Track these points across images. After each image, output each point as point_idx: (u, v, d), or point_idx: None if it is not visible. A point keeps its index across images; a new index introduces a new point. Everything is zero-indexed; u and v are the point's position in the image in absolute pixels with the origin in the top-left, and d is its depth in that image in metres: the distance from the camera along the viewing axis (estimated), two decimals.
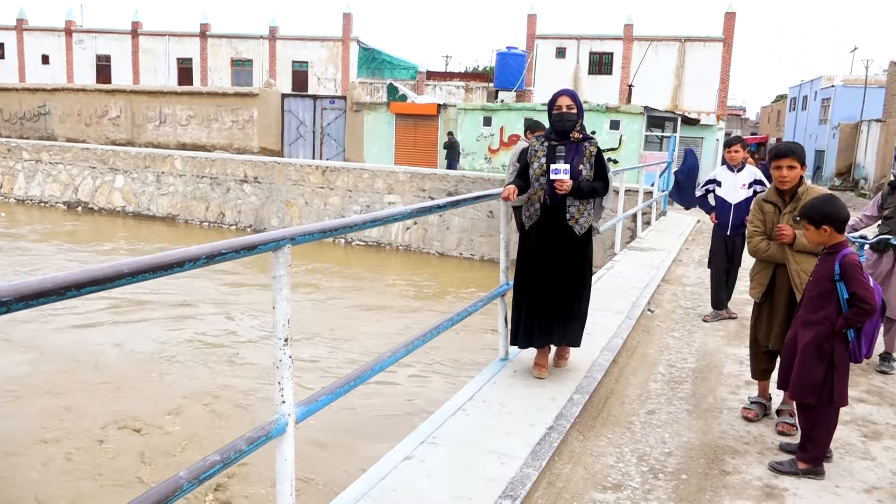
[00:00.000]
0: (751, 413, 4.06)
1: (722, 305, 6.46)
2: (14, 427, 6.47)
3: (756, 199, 4.06)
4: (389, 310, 11.59)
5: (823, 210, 3.31)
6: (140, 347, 8.78)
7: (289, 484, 2.40)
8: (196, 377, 7.85)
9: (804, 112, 41.01)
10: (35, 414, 6.76)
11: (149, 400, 7.15)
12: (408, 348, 3.20)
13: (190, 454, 5.92)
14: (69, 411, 6.82)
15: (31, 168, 21.74)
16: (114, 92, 27.93)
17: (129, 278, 1.73)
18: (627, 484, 3.30)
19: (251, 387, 7.56)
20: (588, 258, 4.32)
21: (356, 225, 2.72)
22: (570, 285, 4.22)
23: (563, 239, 4.18)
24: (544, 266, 4.21)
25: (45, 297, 1.53)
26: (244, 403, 7.17)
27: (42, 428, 6.46)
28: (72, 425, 6.53)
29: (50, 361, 8.19)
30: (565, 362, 4.60)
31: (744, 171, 6.28)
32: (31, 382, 7.58)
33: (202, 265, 1.98)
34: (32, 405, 6.99)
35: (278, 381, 2.36)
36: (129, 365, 8.18)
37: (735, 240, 6.36)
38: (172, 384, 7.61)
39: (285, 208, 18.24)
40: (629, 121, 21.11)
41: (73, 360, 8.24)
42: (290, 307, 2.33)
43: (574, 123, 4.17)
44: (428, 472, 3.12)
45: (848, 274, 3.22)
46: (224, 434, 6.12)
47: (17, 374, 7.76)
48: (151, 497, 1.86)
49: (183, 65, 37.54)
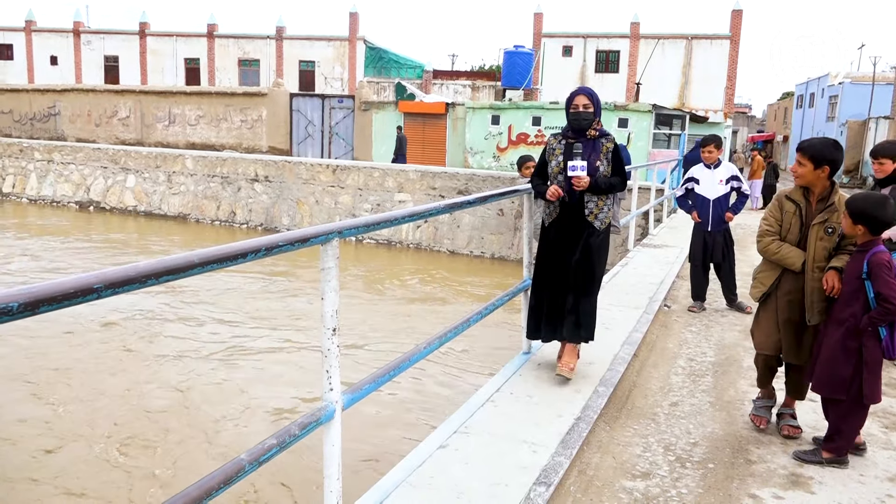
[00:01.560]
0: (761, 422, 3.90)
1: (701, 297, 6.66)
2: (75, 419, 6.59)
3: (778, 194, 3.90)
4: (408, 306, 11.68)
5: (866, 209, 3.30)
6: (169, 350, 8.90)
7: (336, 468, 2.49)
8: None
9: (811, 109, 40.99)
10: (110, 398, 6.89)
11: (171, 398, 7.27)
12: (441, 340, 3.29)
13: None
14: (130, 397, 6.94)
15: (44, 168, 21.91)
16: (123, 92, 28.10)
17: (200, 268, 1.83)
18: (656, 472, 3.38)
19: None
20: (604, 254, 4.35)
21: (399, 219, 2.81)
22: (586, 279, 4.24)
23: (582, 234, 4.22)
24: (563, 261, 4.25)
25: (129, 284, 1.62)
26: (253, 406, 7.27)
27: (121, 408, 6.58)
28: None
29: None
30: (571, 372, 4.25)
31: (721, 168, 6.57)
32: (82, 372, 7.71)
33: (262, 256, 2.08)
34: (92, 394, 7.12)
35: (326, 370, 2.45)
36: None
37: (715, 235, 6.58)
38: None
39: (296, 207, 18.35)
40: (637, 119, 21.17)
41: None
42: (338, 298, 2.42)
43: (590, 122, 4.20)
44: (463, 460, 3.21)
45: (874, 273, 3.26)
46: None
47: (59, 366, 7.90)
48: (217, 476, 1.95)
49: (191, 65, 37.75)
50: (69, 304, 1.49)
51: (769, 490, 3.23)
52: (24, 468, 5.73)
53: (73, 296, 1.48)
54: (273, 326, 9.80)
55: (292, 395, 7.34)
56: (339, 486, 2.51)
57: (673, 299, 7.03)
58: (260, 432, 6.11)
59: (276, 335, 9.36)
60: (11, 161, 22.43)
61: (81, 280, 1.52)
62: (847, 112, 34.64)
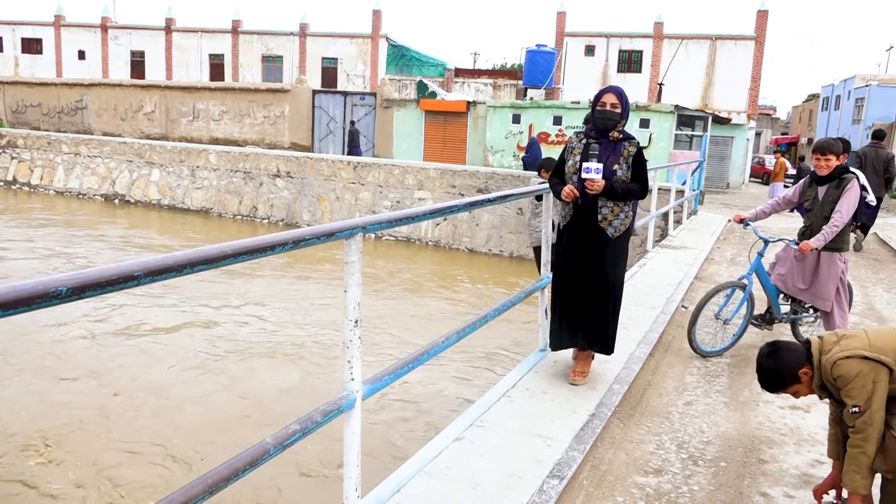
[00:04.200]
0: None
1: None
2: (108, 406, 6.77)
3: None
4: (427, 302, 11.77)
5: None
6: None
7: (355, 455, 2.58)
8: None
9: (837, 112, 40.45)
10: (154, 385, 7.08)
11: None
12: (459, 335, 3.37)
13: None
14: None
15: (70, 161, 22.28)
16: (149, 87, 28.47)
17: (232, 258, 1.93)
18: (668, 469, 3.43)
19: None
20: (621, 262, 4.17)
21: (421, 216, 2.89)
22: (599, 288, 4.07)
23: (594, 240, 4.04)
24: (574, 267, 4.11)
25: (167, 272, 1.72)
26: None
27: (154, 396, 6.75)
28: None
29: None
30: (583, 379, 4.22)
31: None
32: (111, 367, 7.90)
33: (290, 249, 2.17)
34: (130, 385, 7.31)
35: (348, 360, 2.54)
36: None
37: None
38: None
39: (317, 203, 18.52)
40: (659, 119, 21.08)
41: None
42: (360, 291, 2.51)
43: (616, 123, 4.01)
44: (479, 452, 3.29)
45: None
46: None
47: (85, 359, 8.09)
48: (244, 458, 2.05)
49: (215, 61, 38.10)
50: (112, 289, 1.58)
51: (780, 489, 3.27)
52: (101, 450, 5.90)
53: (115, 282, 1.58)
54: (290, 323, 9.94)
55: (309, 387, 7.46)
56: (357, 473, 2.60)
57: (691, 301, 7.04)
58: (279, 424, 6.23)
59: (293, 331, 9.50)
60: (40, 153, 22.84)
61: (122, 268, 1.61)
62: (874, 115, 34.10)
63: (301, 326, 9.70)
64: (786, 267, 5.34)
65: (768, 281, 5.38)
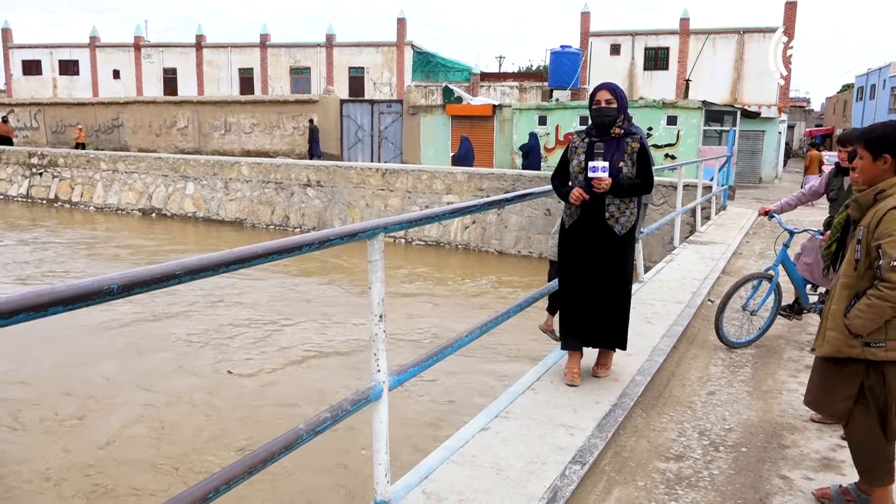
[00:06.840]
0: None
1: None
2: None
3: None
4: (455, 299, 11.92)
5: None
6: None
7: (384, 443, 2.74)
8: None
9: (872, 101, 39.64)
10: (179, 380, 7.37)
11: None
12: (482, 329, 3.51)
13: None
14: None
15: (109, 178, 22.96)
16: (181, 103, 29.20)
17: (263, 258, 2.11)
18: (689, 455, 3.53)
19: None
20: (629, 258, 4.17)
21: (440, 215, 3.04)
22: (607, 286, 4.09)
23: (602, 239, 4.04)
24: (582, 266, 4.11)
25: (204, 271, 1.90)
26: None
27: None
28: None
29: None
30: (605, 371, 4.33)
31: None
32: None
33: (315, 249, 2.34)
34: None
35: (374, 353, 2.70)
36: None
37: None
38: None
39: (347, 210, 18.81)
40: (687, 116, 20.96)
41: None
42: (384, 288, 2.67)
43: (614, 118, 3.98)
44: (503, 441, 3.42)
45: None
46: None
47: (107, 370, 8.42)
48: (279, 442, 2.22)
49: (244, 75, 38.86)
50: (157, 287, 1.77)
51: (800, 472, 3.35)
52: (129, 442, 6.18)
53: (159, 280, 1.76)
54: (314, 320, 10.18)
55: (335, 383, 7.67)
56: (386, 459, 2.76)
57: (717, 295, 7.07)
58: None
59: (318, 328, 9.73)
60: (79, 171, 23.58)
61: (165, 267, 1.80)
62: None
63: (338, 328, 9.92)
64: (811, 257, 5.39)
65: (795, 271, 5.43)
